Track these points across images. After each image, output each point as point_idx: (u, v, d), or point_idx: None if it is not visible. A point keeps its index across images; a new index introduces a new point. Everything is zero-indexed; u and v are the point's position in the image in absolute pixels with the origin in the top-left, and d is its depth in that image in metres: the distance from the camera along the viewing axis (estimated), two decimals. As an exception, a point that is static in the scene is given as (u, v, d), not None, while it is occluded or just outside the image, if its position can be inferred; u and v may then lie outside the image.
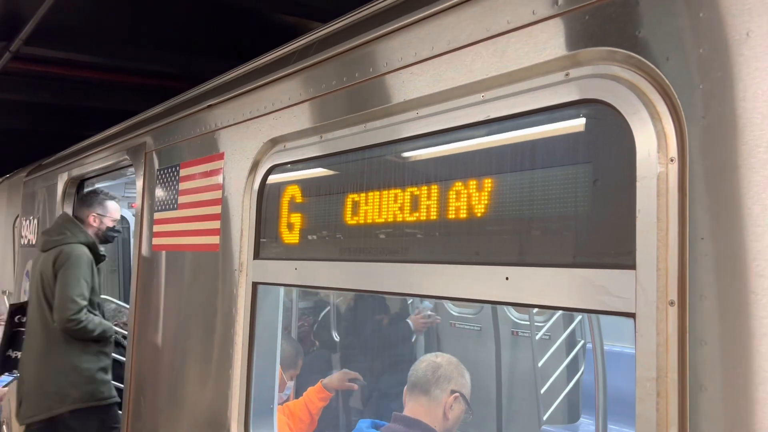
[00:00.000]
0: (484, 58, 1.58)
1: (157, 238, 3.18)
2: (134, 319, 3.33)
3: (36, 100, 5.75)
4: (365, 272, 1.94)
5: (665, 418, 1.19)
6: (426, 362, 2.86)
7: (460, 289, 1.62)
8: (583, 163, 1.40)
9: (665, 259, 1.21)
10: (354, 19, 2.12)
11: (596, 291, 1.32)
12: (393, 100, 1.86)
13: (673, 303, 1.20)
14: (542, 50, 1.45)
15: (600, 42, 1.34)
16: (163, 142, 3.25)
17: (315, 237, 2.18)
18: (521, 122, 1.53)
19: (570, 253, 1.41)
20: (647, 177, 1.24)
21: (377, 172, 1.95)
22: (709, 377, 1.14)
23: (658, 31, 1.24)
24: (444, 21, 1.71)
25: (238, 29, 4.37)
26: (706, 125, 1.16)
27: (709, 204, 1.16)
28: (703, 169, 1.16)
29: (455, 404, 2.73)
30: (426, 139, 1.79)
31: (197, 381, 2.75)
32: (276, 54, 2.50)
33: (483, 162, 1.64)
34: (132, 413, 3.27)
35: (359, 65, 1.99)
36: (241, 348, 2.42)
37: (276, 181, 2.39)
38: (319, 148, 2.17)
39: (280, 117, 2.33)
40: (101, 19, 4.28)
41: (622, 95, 1.30)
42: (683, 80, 1.20)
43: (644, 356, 1.22)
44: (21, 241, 5.83)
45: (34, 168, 5.84)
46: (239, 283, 2.45)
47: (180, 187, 2.99)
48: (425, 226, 1.74)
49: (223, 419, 2.46)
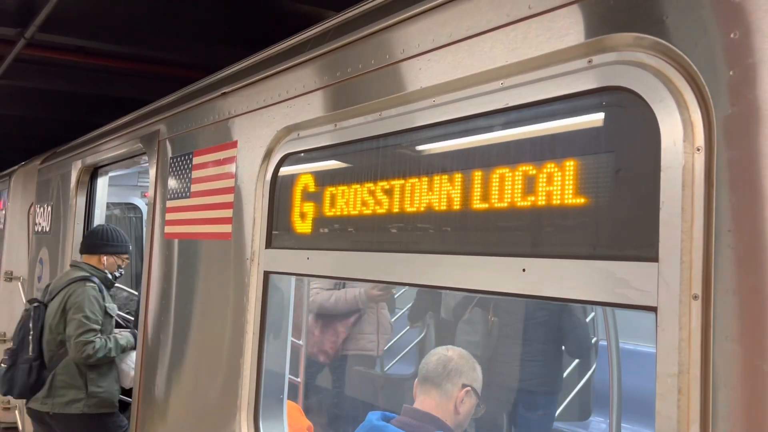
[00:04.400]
0: (504, 45, 1.55)
1: (169, 227, 3.17)
2: (146, 306, 3.33)
3: (50, 88, 5.77)
4: (378, 262, 1.91)
5: (686, 416, 1.16)
6: (437, 356, 2.83)
7: (475, 280, 1.59)
8: (605, 152, 1.36)
9: (689, 251, 1.17)
10: (371, 5, 2.08)
11: (616, 284, 1.28)
12: (409, 88, 1.83)
13: (696, 297, 1.16)
14: (564, 36, 1.41)
15: (625, 28, 1.30)
16: (176, 130, 3.23)
17: (328, 227, 2.16)
18: (541, 110, 1.49)
19: (590, 244, 1.37)
20: (672, 167, 1.20)
21: (392, 162, 1.92)
22: (734, 374, 1.10)
23: (687, 16, 1.20)
24: (463, 6, 1.67)
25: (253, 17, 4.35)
26: (736, 114, 1.12)
27: (736, 195, 1.12)
28: (731, 159, 1.12)
29: (466, 398, 2.70)
30: (443, 128, 1.76)
31: (208, 369, 2.74)
32: (291, 42, 2.47)
33: (501, 151, 1.60)
34: (142, 401, 3.27)
35: (375, 52, 1.96)
36: (251, 337, 2.41)
37: (289, 169, 2.36)
38: (334, 136, 2.14)
39: (294, 105, 2.31)
40: (115, 7, 4.28)
41: (647, 83, 1.26)
42: (713, 67, 1.16)
43: (666, 351, 1.19)
44: (35, 228, 5.86)
45: (49, 156, 5.87)
46: (251, 272, 2.44)
47: (193, 175, 2.98)
48: (440, 216, 1.71)
49: (233, 408, 2.45)
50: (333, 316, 4.71)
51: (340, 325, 4.72)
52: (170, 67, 5.19)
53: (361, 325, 4.75)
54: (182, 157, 3.09)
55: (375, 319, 4.77)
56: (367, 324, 4.75)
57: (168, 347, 3.09)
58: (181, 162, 3.10)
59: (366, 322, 4.76)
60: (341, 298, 4.64)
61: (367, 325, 4.75)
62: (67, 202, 4.83)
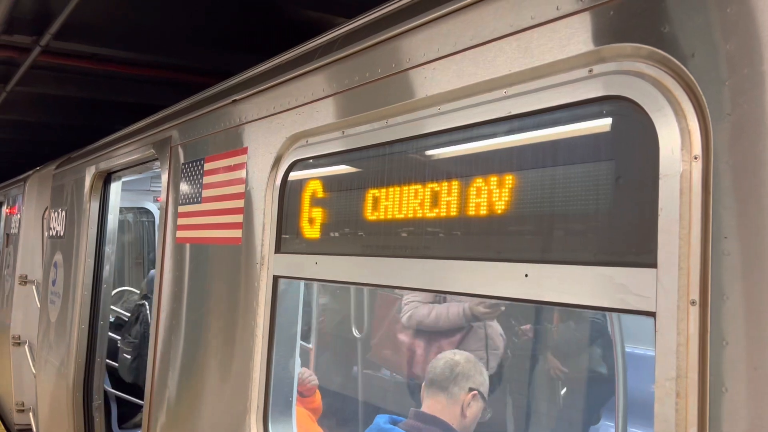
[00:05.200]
0: (507, 54, 1.58)
1: (181, 231, 3.22)
2: (158, 310, 3.38)
3: (64, 94, 5.86)
4: (385, 267, 1.94)
5: (684, 419, 1.18)
6: (444, 360, 2.86)
7: (479, 285, 1.62)
8: (605, 160, 1.39)
9: (687, 257, 1.20)
10: (377, 15, 2.12)
11: (616, 289, 1.31)
12: (415, 96, 1.87)
13: (694, 302, 1.18)
14: (566, 46, 1.44)
15: (625, 38, 1.33)
16: (188, 137, 3.29)
17: (336, 232, 2.20)
18: (543, 118, 1.52)
19: (591, 250, 1.40)
20: (670, 175, 1.23)
21: (399, 168, 1.95)
22: (731, 378, 1.12)
23: (685, 27, 1.23)
24: (467, 17, 1.70)
25: (264, 25, 4.40)
26: (732, 122, 1.14)
27: (733, 202, 1.14)
28: (728, 167, 1.15)
29: (473, 402, 2.73)
30: (448, 135, 1.79)
31: (218, 372, 2.78)
32: (300, 50, 2.52)
33: (504, 158, 1.63)
34: (153, 402, 3.32)
35: (382, 61, 2.00)
36: (261, 341, 2.45)
37: (298, 175, 2.41)
38: (341, 143, 2.18)
39: (303, 112, 2.35)
40: (128, 15, 4.35)
41: (646, 92, 1.29)
42: (709, 77, 1.18)
43: (664, 356, 1.21)
44: (50, 232, 5.94)
45: (64, 161, 5.95)
46: (260, 277, 2.48)
47: (204, 180, 3.02)
48: (446, 222, 1.74)
49: (242, 411, 2.49)
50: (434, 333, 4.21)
51: (446, 344, 4.17)
52: (182, 73, 5.27)
53: (468, 341, 4.18)
54: (194, 163, 3.14)
55: (483, 334, 4.20)
56: (474, 340, 4.18)
57: (179, 350, 3.14)
58: (192, 168, 3.15)
59: (472, 338, 4.19)
60: (442, 315, 4.15)
61: (474, 341, 4.18)
62: (81, 207, 4.90)
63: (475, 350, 4.06)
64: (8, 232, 7.94)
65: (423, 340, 4.24)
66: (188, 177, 3.18)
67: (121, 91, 5.78)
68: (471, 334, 4.14)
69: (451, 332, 4.14)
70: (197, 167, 3.10)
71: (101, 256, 4.71)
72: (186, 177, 3.20)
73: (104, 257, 4.71)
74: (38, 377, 5.72)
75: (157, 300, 3.40)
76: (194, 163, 3.14)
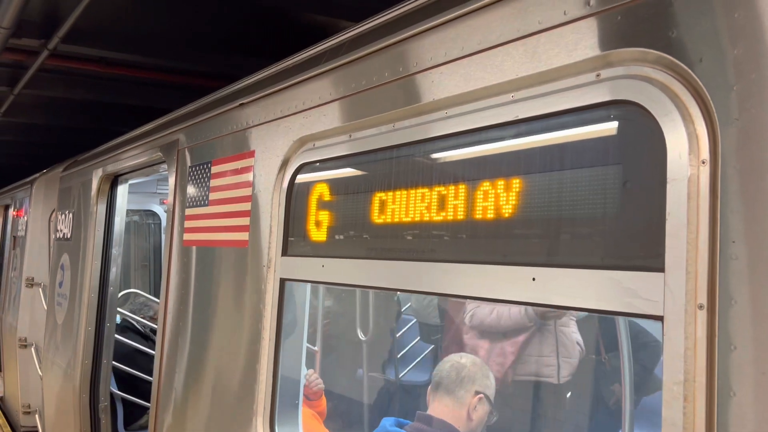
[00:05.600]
0: (514, 59, 1.58)
1: (188, 234, 3.23)
2: (164, 312, 3.39)
3: (72, 97, 5.89)
4: (391, 271, 1.95)
5: (692, 423, 1.18)
6: (450, 363, 2.86)
7: (486, 289, 1.62)
8: (613, 164, 1.39)
9: (695, 262, 1.20)
10: (384, 19, 2.13)
11: (624, 293, 1.31)
12: (422, 100, 1.87)
13: (702, 306, 1.18)
14: (573, 51, 1.44)
15: (632, 43, 1.33)
16: (195, 140, 3.30)
17: (342, 235, 2.20)
18: (551, 123, 1.53)
19: (598, 254, 1.40)
20: (678, 179, 1.23)
21: (405, 172, 1.96)
22: (739, 382, 1.12)
23: (692, 31, 1.23)
24: (474, 21, 1.71)
25: (271, 29, 4.42)
26: (740, 127, 1.15)
27: (740, 207, 1.14)
28: (736, 171, 1.15)
29: (479, 405, 2.73)
30: (455, 139, 1.80)
31: (224, 375, 2.79)
32: (307, 53, 2.53)
33: (511, 162, 1.64)
34: (160, 405, 3.33)
35: (389, 65, 2.01)
36: (267, 343, 2.45)
37: (305, 179, 2.41)
38: (348, 146, 2.19)
39: (310, 116, 2.36)
40: (136, 18, 4.37)
41: (653, 96, 1.29)
42: (717, 82, 1.19)
43: (672, 360, 1.21)
44: (57, 234, 5.96)
45: (71, 164, 5.98)
46: (267, 280, 2.49)
47: (211, 183, 3.04)
48: (452, 225, 1.75)
49: (249, 413, 2.49)
50: (497, 334, 3.95)
51: (509, 345, 3.92)
52: (189, 76, 5.29)
53: (535, 345, 3.91)
54: (201, 166, 3.16)
55: (553, 339, 3.89)
56: (543, 345, 3.89)
57: (186, 352, 3.15)
58: (199, 171, 3.17)
59: (541, 342, 3.90)
60: (504, 314, 3.90)
61: (543, 345, 3.89)
62: (88, 210, 4.92)
63: (544, 355, 3.87)
64: (15, 235, 7.98)
65: (486, 342, 3.99)
66: (195, 180, 3.19)
67: (128, 94, 5.81)
68: (538, 337, 3.90)
69: (513, 332, 3.91)
70: (204, 170, 3.12)
71: (108, 259, 4.73)
72: (193, 180, 3.22)
73: (111, 259, 4.73)
74: (45, 379, 5.74)
75: (164, 302, 3.42)
76: (201, 166, 3.15)
